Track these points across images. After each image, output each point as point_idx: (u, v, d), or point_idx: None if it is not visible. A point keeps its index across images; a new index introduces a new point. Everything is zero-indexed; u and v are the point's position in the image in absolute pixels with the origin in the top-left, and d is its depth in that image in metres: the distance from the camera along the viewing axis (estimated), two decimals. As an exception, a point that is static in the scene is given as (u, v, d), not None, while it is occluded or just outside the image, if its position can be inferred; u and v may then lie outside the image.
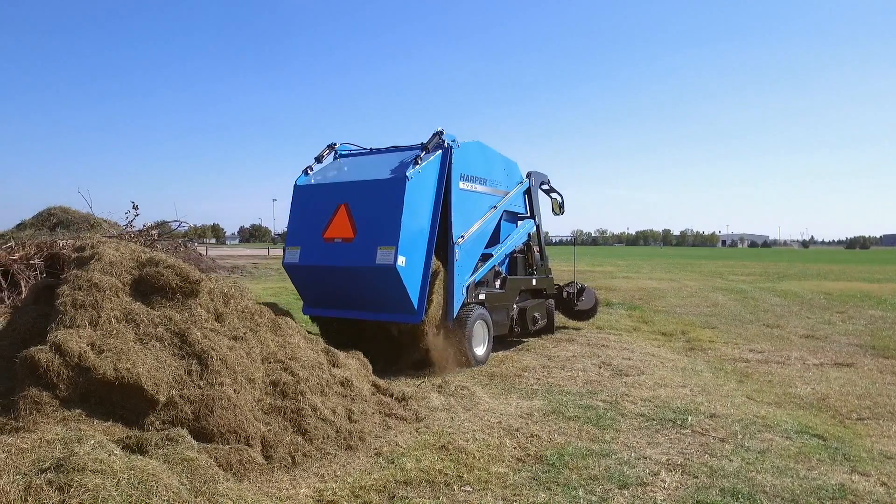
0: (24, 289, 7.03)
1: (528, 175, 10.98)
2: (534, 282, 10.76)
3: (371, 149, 9.21)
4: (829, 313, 14.93)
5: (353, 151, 9.31)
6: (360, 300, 7.89)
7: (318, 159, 8.85)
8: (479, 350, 8.55)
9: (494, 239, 9.60)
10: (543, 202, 11.63)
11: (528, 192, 10.92)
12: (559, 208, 12.08)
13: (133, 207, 8.50)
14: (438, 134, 8.14)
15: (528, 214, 11.01)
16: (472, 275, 8.62)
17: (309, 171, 8.70)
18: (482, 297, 8.86)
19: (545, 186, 11.78)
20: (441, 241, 8.08)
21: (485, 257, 9.13)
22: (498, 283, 9.63)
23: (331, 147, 9.12)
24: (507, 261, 10.18)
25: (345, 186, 8.15)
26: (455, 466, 4.63)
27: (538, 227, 11.20)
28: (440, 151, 8.11)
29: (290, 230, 8.38)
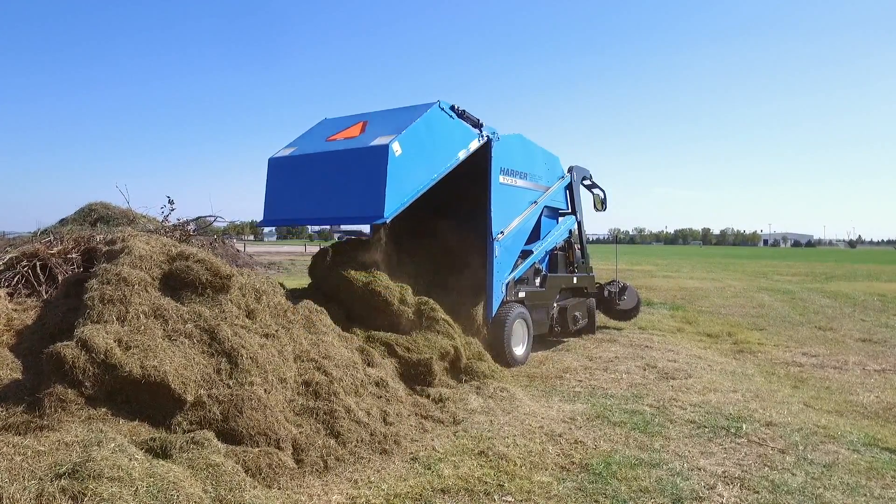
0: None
1: (570, 170, 10.64)
2: (575, 280, 10.41)
3: None
4: (885, 316, 14.21)
5: None
6: (329, 197, 7.18)
7: None
8: (519, 350, 8.27)
9: (535, 235, 9.31)
10: (585, 198, 11.29)
11: (569, 187, 10.59)
12: (601, 204, 11.69)
13: (169, 202, 8.34)
14: (480, 125, 7.89)
15: (570, 210, 10.68)
16: (511, 272, 8.35)
17: None
18: (522, 295, 8.59)
19: (587, 182, 11.41)
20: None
21: (524, 254, 8.85)
22: (538, 280, 9.34)
23: None
24: (547, 258, 9.88)
25: (372, 115, 8.01)
26: (495, 474, 4.37)
27: (580, 223, 10.85)
28: (477, 131, 7.93)
29: (295, 140, 8.04)
